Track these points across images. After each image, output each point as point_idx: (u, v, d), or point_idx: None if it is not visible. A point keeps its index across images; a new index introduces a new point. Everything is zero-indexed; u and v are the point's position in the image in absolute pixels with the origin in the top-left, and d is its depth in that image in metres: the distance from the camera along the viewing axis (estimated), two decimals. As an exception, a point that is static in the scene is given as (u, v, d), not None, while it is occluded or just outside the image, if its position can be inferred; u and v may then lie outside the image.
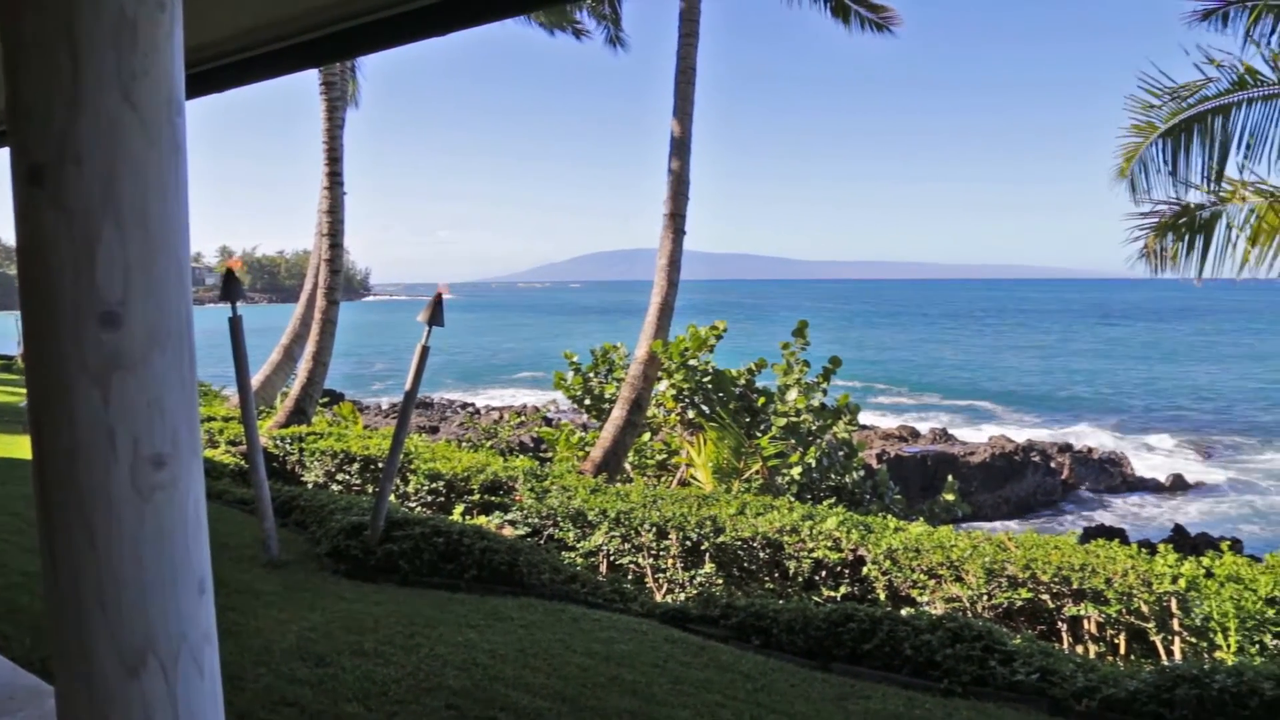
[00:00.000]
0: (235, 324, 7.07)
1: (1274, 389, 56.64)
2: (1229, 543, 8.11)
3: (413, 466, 10.59)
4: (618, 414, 13.19)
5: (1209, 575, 6.67)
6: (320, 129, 14.67)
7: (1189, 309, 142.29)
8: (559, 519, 9.20)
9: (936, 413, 48.39)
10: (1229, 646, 6.29)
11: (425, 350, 7.25)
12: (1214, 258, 11.71)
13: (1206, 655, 6.36)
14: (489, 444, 18.53)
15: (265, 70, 2.58)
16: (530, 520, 9.35)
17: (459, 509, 9.82)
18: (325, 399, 18.37)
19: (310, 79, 15.01)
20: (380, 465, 10.64)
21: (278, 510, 8.20)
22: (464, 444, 16.50)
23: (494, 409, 41.27)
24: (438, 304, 7.22)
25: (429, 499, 10.36)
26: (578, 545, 9.01)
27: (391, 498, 9.22)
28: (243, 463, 11.48)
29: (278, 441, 12.09)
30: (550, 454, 15.20)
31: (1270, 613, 6.36)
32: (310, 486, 11.04)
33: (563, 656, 5.02)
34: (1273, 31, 10.11)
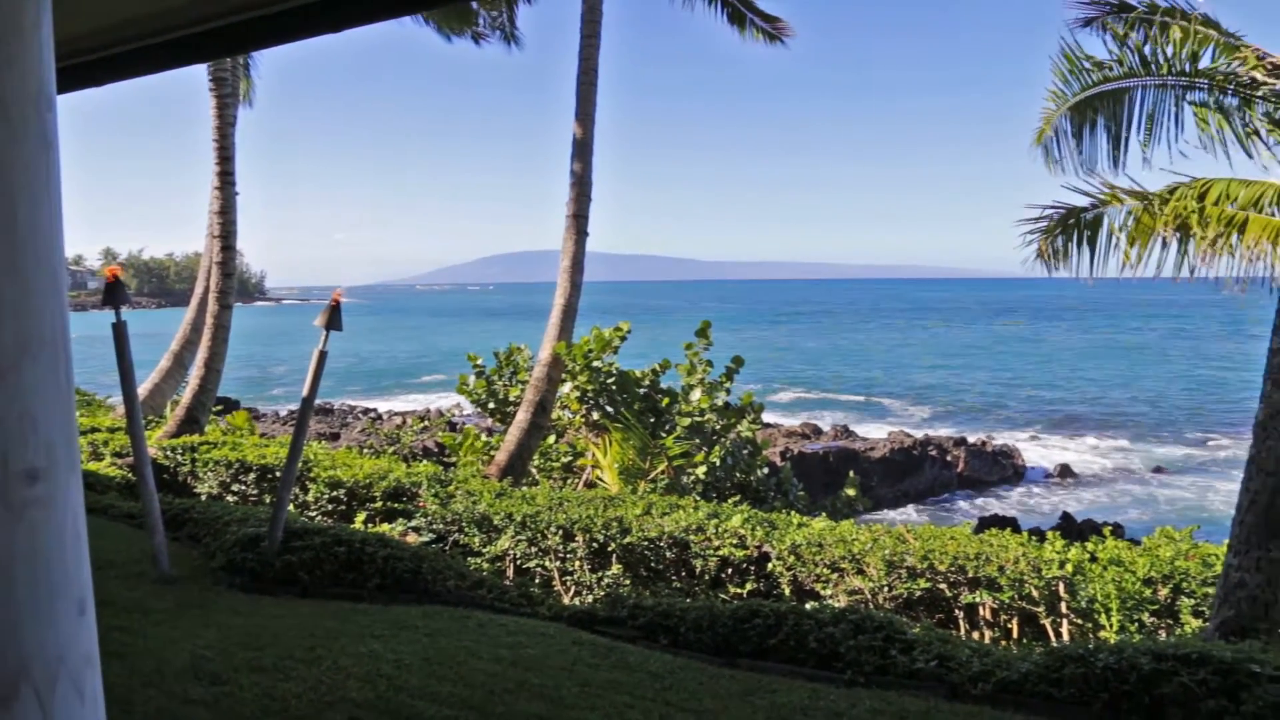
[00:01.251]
0: (119, 330, 6.77)
1: (1151, 382, 59.79)
2: (1110, 528, 8.52)
3: (312, 475, 10.32)
4: (522, 417, 13.11)
5: (1093, 560, 6.99)
6: (210, 127, 14.17)
7: (1079, 307, 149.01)
8: (464, 524, 9.09)
9: (837, 410, 49.51)
10: (1112, 626, 6.61)
11: (323, 355, 7.07)
12: (1100, 258, 12.28)
13: (1091, 635, 6.67)
14: (391, 450, 18.17)
15: (145, 64, 2.47)
16: (435, 526, 9.21)
17: (361, 517, 9.60)
18: (219, 407, 17.73)
19: (202, 75, 14.47)
20: (278, 474, 10.33)
21: (169, 524, 7.87)
22: (366, 450, 16.14)
23: (397, 414, 40.53)
24: (335, 308, 7.05)
25: (330, 508, 10.11)
26: (484, 550, 8.92)
27: (290, 507, 8.96)
28: (130, 475, 11.00)
29: (168, 452, 11.62)
30: (455, 459, 15.00)
31: (1148, 593, 6.70)
32: (204, 498, 10.65)
33: (469, 664, 4.95)
34: (1145, 40, 10.64)
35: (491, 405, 15.46)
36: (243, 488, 10.85)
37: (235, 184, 14.22)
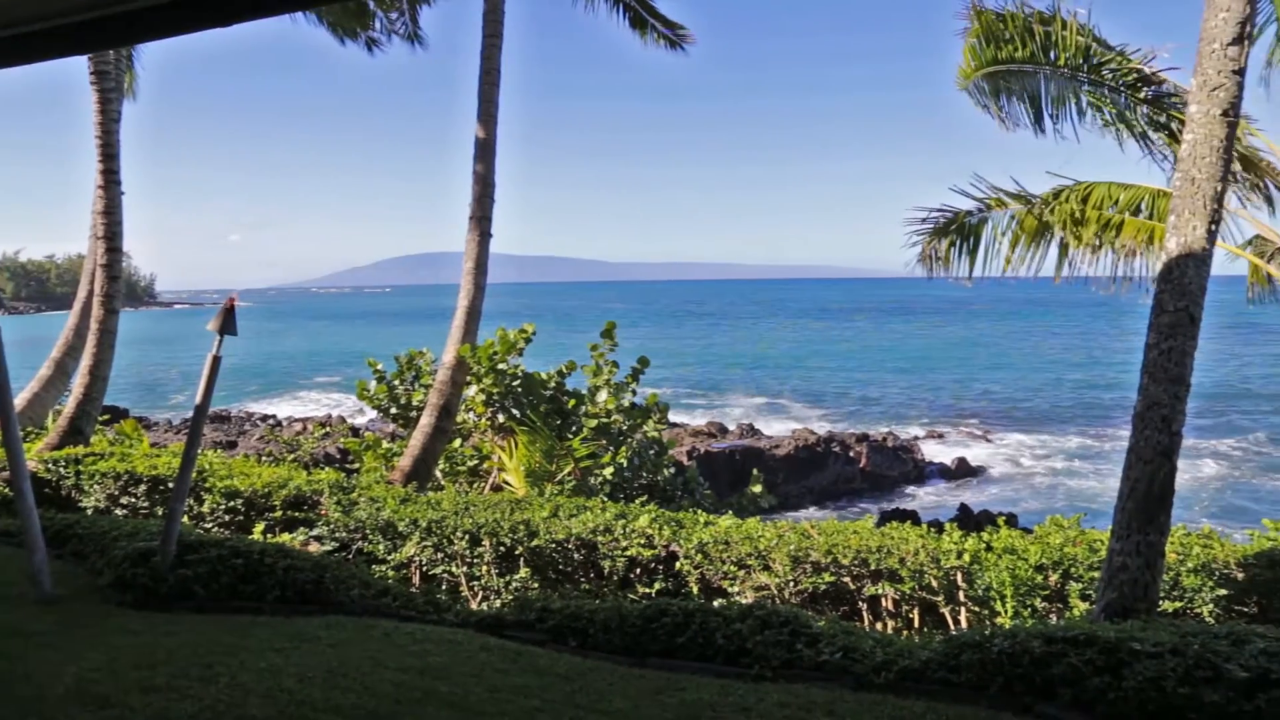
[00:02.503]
0: (-7, 337, 6.42)
1: (1042, 377, 62.38)
2: (1004, 518, 8.87)
3: (208, 485, 9.96)
4: (426, 421, 12.90)
5: (989, 549, 7.24)
6: (93, 122, 13.52)
7: (974, 305, 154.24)
8: (368, 531, 8.90)
9: (743, 409, 50.19)
10: (1007, 612, 6.86)
11: (216, 361, 6.83)
12: (983, 259, 12.74)
13: (988, 621, 6.91)
14: (291, 457, 17.69)
15: (20, 54, 2.34)
16: (337, 535, 8.99)
17: (260, 527, 9.31)
18: (106, 416, 16.93)
19: (81, 67, 13.79)
20: (170, 485, 9.93)
21: (50, 541, 7.48)
22: (265, 458, 15.67)
23: (297, 420, 39.47)
24: (229, 312, 6.82)
25: (226, 519, 9.77)
26: (388, 557, 8.75)
27: (184, 519, 8.63)
28: (6, 490, 10.42)
29: (50, 465, 11.06)
30: (357, 465, 14.68)
31: (1039, 579, 6.98)
32: (90, 512, 10.16)
33: (375, 674, 4.85)
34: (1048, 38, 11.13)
35: (394, 410, 15.18)
36: (133, 500, 10.40)
37: (120, 182, 13.61)
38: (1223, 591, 6.65)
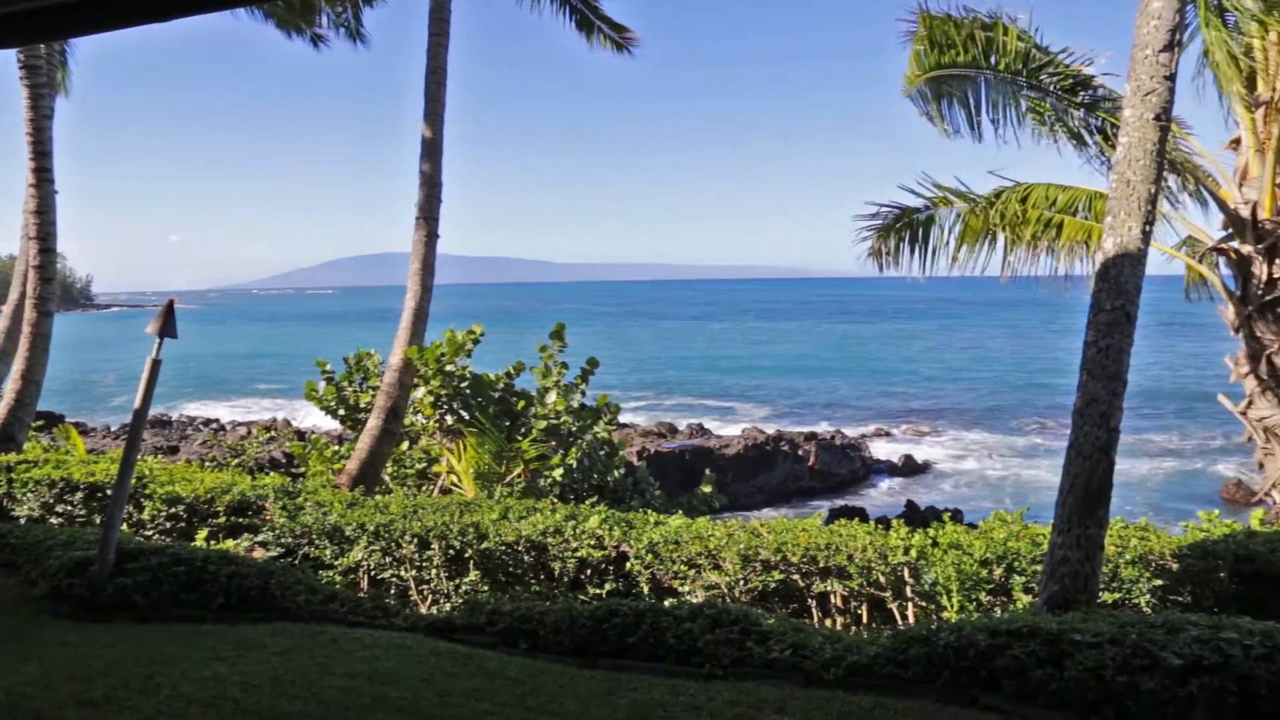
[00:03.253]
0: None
1: (986, 375, 63.54)
2: (950, 513, 8.99)
3: (148, 491, 9.72)
4: (374, 423, 12.75)
5: (935, 544, 7.34)
6: (24, 119, 13.12)
7: (914, 305, 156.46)
8: (314, 536, 8.77)
9: (693, 408, 50.39)
10: (953, 606, 6.97)
11: (156, 364, 6.68)
12: (932, 257, 12.95)
13: (934, 616, 7.01)
14: (235, 462, 17.35)
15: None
16: (283, 540, 8.84)
17: (203, 534, 9.12)
18: (40, 422, 16.46)
19: (10, 60, 13.38)
20: (109, 493, 9.68)
21: (-18, 550, 7.26)
22: (208, 463, 15.36)
23: (241, 424, 38.79)
24: (169, 313, 6.67)
25: (168, 526, 9.55)
26: (336, 562, 8.63)
27: (124, 527, 8.42)
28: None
29: (-20, 473, 10.71)
30: (303, 469, 14.45)
31: (984, 573, 7.10)
32: (23, 521, 9.86)
33: (322, 681, 4.78)
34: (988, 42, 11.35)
35: (342, 412, 14.97)
36: (69, 509, 10.11)
37: (53, 181, 13.23)
38: (1159, 582, 6.82)
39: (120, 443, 27.71)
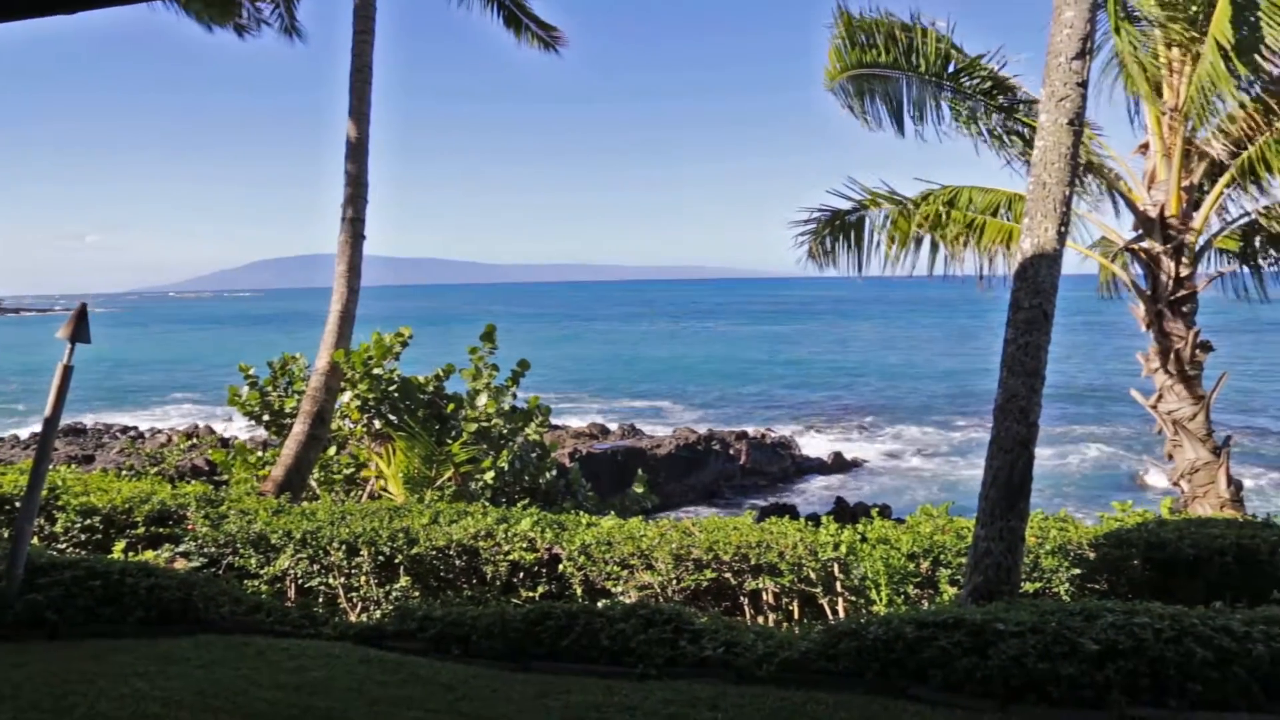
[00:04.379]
0: None
1: (914, 372, 64.87)
2: (878, 509, 9.16)
3: (61, 502, 9.37)
4: (299, 429, 12.48)
5: (864, 540, 7.47)
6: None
7: (846, 304, 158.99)
8: (239, 545, 8.55)
9: (624, 409, 50.45)
10: (882, 600, 7.10)
11: (68, 370, 6.44)
12: (865, 257, 13.19)
13: (864, 610, 7.13)
14: (155, 471, 16.85)
15: None
16: (206, 550, 8.61)
17: (120, 546, 8.82)
18: (-58, 433, 15.76)
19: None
20: (17, 505, 9.30)
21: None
22: (125, 472, 14.86)
23: (160, 431, 37.66)
24: (82, 318, 6.44)
25: (83, 538, 9.20)
26: (261, 572, 8.43)
27: (34, 540, 8.10)
28: None
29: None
30: (227, 477, 14.08)
31: (911, 566, 7.25)
32: (-75, 536, 9.42)
33: (248, 694, 4.66)
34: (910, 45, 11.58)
35: (266, 418, 14.62)
36: (-26, 523, 9.69)
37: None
38: (1077, 571, 7.05)
39: (30, 453, 26.68)
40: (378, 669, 5.14)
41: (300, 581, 8.42)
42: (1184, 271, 10.95)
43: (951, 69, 11.56)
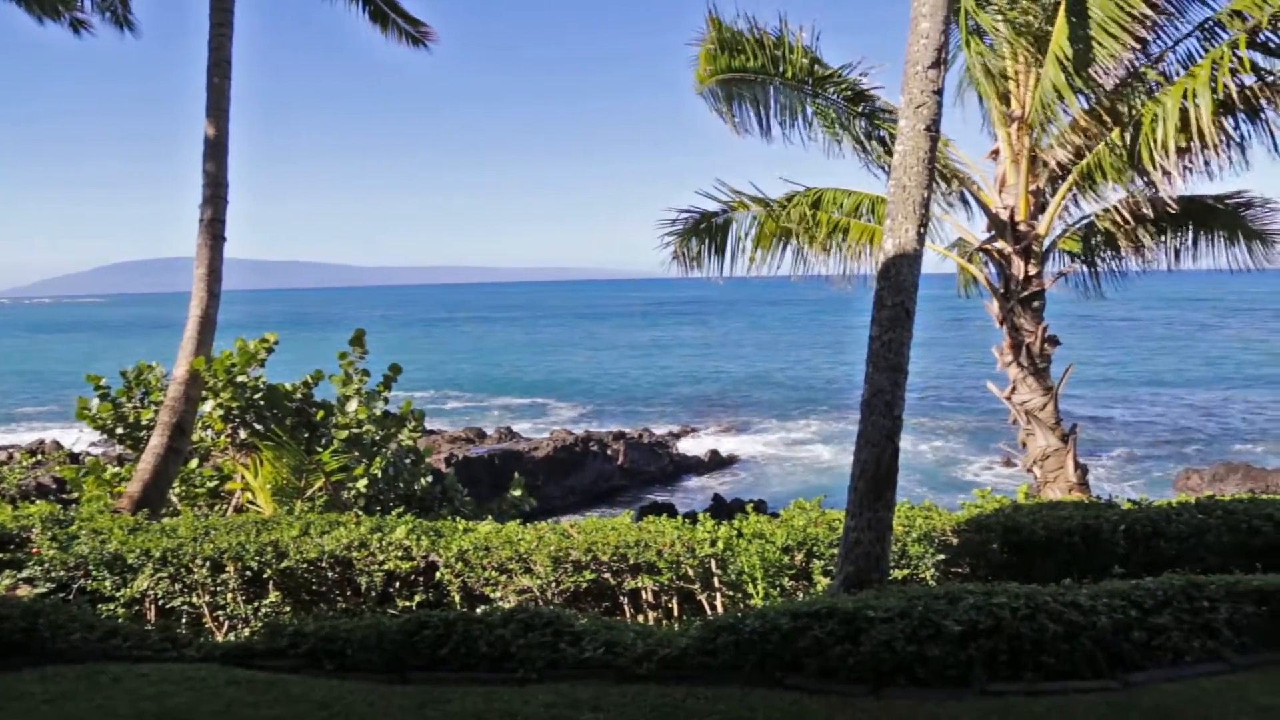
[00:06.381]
0: None
1: (785, 370, 66.49)
2: (753, 504, 9.36)
3: (-118, 531, 8.64)
4: (157, 441, 11.87)
5: (740, 535, 7.59)
6: None
7: (715, 305, 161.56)
8: (91, 568, 8.06)
9: (499, 412, 50.00)
10: (758, 593, 7.25)
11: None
12: (730, 258, 13.44)
13: (741, 604, 7.26)
14: (-7, 491, 15.73)
15: None
16: (54, 574, 8.07)
17: (-49, 575, 8.20)
18: None
19: None
20: None
21: None
22: (-43, 494, 13.82)
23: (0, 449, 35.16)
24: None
25: (-92, 568, 8.52)
26: (118, 594, 7.97)
27: None
28: None
29: None
30: (77, 495, 13.26)
31: (786, 560, 7.42)
32: None
33: (103, 724, 4.40)
34: (776, 51, 11.85)
35: (121, 431, 13.82)
36: None
37: None
38: (941, 556, 7.36)
39: None
40: (247, 690, 4.93)
41: (161, 602, 8.01)
42: (1033, 270, 11.59)
43: (817, 75, 11.91)
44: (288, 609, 7.82)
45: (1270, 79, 9.72)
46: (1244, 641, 4.85)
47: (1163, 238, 12.59)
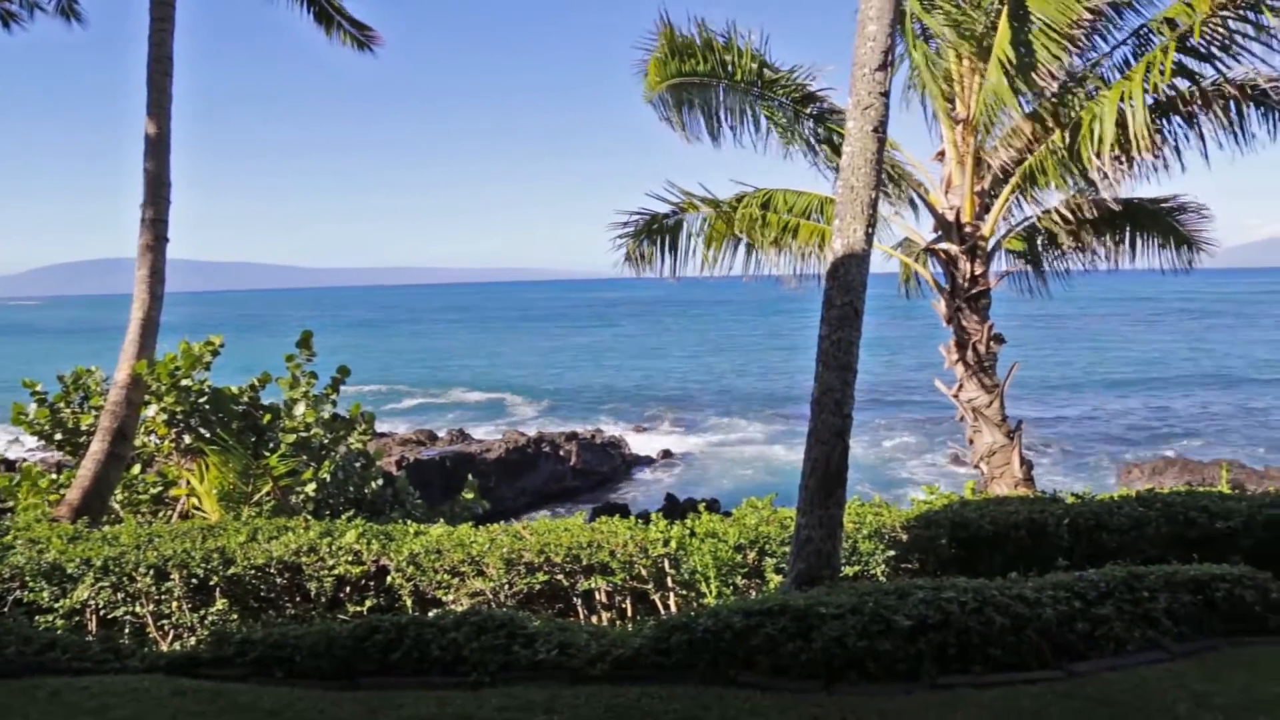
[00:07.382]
0: None
1: (736, 368, 66.85)
2: (705, 503, 9.40)
3: None
4: (97, 447, 11.59)
5: (692, 534, 7.62)
6: None
7: (665, 305, 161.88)
8: (28, 578, 7.84)
9: (453, 414, 49.63)
10: (711, 592, 7.28)
11: None
12: (682, 259, 13.49)
13: (695, 603, 7.29)
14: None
15: None
16: (-12, 586, 7.85)
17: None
18: None
19: None
20: None
21: None
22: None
23: (-71, 457, 34.04)
24: None
25: None
26: (56, 605, 7.76)
27: None
28: None
29: None
30: (12, 504, 12.89)
31: (739, 558, 7.46)
32: None
33: (42, 738, 4.29)
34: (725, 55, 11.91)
35: (59, 437, 13.46)
36: None
37: None
38: (891, 552, 7.45)
39: None
40: (193, 700, 4.84)
41: (103, 613, 7.82)
42: (978, 270, 11.79)
43: (766, 78, 12.00)
44: (235, 617, 7.68)
45: (1204, 83, 10.02)
46: (1182, 630, 4.99)
47: (1103, 238, 12.90)
